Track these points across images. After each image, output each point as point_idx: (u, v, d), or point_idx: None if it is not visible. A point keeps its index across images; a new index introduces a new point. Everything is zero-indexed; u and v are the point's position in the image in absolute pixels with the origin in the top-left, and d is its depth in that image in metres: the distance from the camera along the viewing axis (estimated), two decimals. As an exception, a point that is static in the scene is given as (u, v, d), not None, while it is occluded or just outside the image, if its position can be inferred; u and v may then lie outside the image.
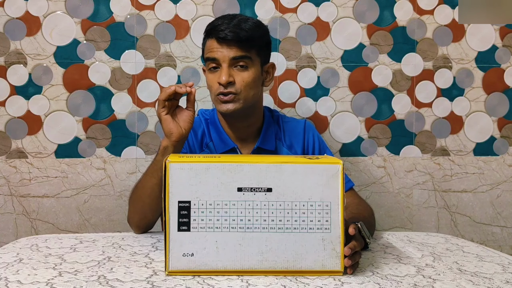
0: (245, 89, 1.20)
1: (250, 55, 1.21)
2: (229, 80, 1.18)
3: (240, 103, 1.20)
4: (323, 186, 0.86)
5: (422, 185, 1.77)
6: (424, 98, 1.75)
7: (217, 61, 1.20)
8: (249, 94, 1.21)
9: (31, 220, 1.63)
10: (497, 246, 1.79)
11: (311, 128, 1.36)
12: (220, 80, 1.19)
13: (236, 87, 1.19)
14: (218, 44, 1.20)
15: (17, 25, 1.58)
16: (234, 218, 0.85)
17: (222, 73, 1.19)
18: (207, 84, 1.25)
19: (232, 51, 1.19)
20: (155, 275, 0.86)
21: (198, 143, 1.29)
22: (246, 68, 1.21)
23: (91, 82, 1.62)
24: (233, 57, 1.19)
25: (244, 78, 1.20)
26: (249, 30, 1.20)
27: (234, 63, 1.20)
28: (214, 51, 1.20)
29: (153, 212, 1.14)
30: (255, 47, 1.22)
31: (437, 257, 1.01)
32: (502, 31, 1.75)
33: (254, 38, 1.21)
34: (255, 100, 1.25)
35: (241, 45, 1.19)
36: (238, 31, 1.18)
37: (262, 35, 1.25)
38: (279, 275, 0.86)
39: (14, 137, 1.61)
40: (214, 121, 1.31)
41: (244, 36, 1.19)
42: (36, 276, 0.85)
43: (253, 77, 1.21)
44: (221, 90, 1.19)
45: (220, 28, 1.19)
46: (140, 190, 1.13)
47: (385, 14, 1.71)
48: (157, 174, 1.08)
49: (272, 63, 1.30)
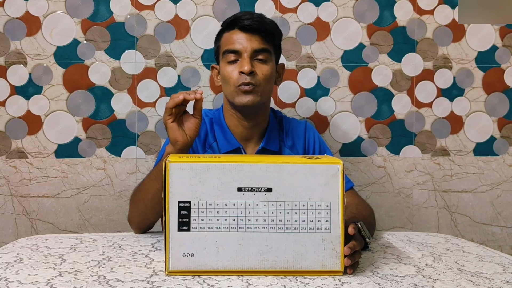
0: (264, 82, 1.21)
1: (270, 49, 1.23)
2: (252, 70, 1.18)
3: (258, 96, 1.21)
4: (323, 186, 0.86)
5: (422, 185, 1.77)
6: (424, 98, 1.75)
7: (238, 52, 1.20)
8: (266, 88, 1.22)
9: (31, 220, 1.63)
10: (497, 246, 1.79)
11: (311, 128, 1.36)
12: (242, 69, 1.18)
13: (257, 79, 1.20)
14: (241, 33, 1.21)
15: (17, 25, 1.58)
16: (234, 218, 0.85)
17: (244, 63, 1.19)
18: (223, 78, 1.24)
19: (255, 42, 1.20)
20: (155, 275, 0.86)
21: (201, 144, 1.28)
22: (266, 62, 1.22)
23: (91, 82, 1.62)
24: (255, 49, 1.20)
25: (264, 71, 1.21)
26: (270, 24, 1.24)
27: (255, 55, 1.21)
28: (236, 43, 1.21)
29: (154, 214, 1.14)
30: (274, 43, 1.25)
31: (437, 257, 1.01)
32: (502, 31, 1.76)
33: (275, 34, 1.25)
34: (269, 97, 1.27)
35: (264, 36, 1.21)
36: (262, 22, 1.21)
37: (280, 34, 1.29)
38: (279, 275, 0.86)
39: (14, 137, 1.61)
40: (219, 120, 1.30)
41: (268, 29, 1.22)
42: (36, 276, 0.85)
43: (271, 71, 1.23)
44: (243, 80, 1.19)
45: (244, 17, 1.21)
46: (143, 193, 1.13)
47: (385, 14, 1.71)
48: (161, 179, 1.06)
49: (282, 64, 1.33)
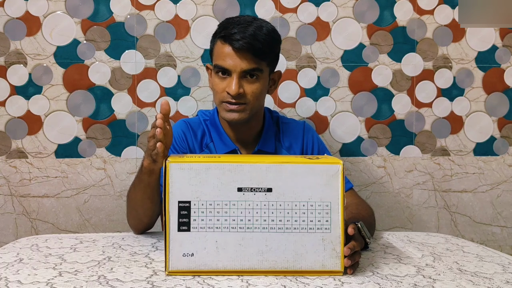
0: (253, 100, 1.19)
1: (262, 67, 1.19)
2: (239, 92, 1.16)
3: (246, 113, 1.20)
4: (323, 186, 0.86)
5: (422, 185, 1.77)
6: (424, 98, 1.75)
7: (228, 70, 1.17)
8: (255, 104, 1.21)
9: (31, 220, 1.63)
10: (497, 246, 1.79)
11: (310, 129, 1.36)
12: (229, 90, 1.16)
13: (246, 99, 1.18)
14: (232, 51, 1.16)
15: (17, 25, 1.58)
16: (234, 218, 0.85)
17: (232, 84, 1.16)
18: (213, 86, 1.24)
19: (244, 63, 1.16)
20: (155, 275, 0.87)
21: (198, 144, 1.28)
22: (257, 79, 1.19)
23: (91, 82, 1.62)
24: (245, 70, 1.16)
25: (254, 89, 1.18)
26: (264, 41, 1.17)
27: (244, 74, 1.18)
28: (226, 60, 1.17)
29: (148, 218, 1.14)
30: (268, 59, 1.20)
31: (437, 257, 1.01)
32: (502, 31, 1.75)
33: (267, 50, 1.19)
34: (260, 107, 1.26)
35: (255, 56, 1.16)
36: (254, 42, 1.15)
37: (275, 47, 1.23)
38: (279, 275, 0.86)
39: (14, 137, 1.61)
40: (214, 122, 1.30)
41: (259, 49, 1.16)
42: (36, 276, 0.85)
43: (262, 88, 1.21)
44: (228, 99, 1.18)
45: (235, 37, 1.15)
46: (132, 202, 1.13)
47: (385, 14, 1.71)
48: (145, 190, 1.06)
49: (279, 71, 1.30)
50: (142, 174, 1.04)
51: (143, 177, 1.04)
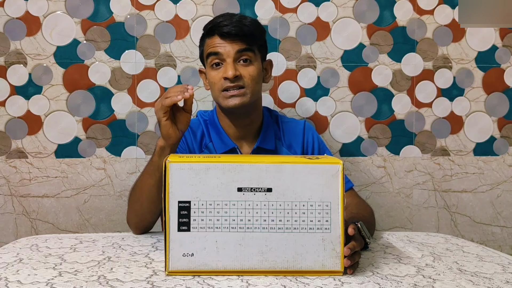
0: (252, 83, 1.21)
1: (253, 48, 1.22)
2: (236, 74, 1.18)
3: (247, 97, 1.21)
4: (323, 186, 0.86)
5: (422, 185, 1.77)
6: (424, 98, 1.75)
7: (221, 56, 1.20)
8: (255, 88, 1.23)
9: (31, 220, 1.63)
10: (497, 246, 1.79)
11: (310, 128, 1.36)
12: (226, 74, 1.18)
13: (244, 81, 1.20)
14: (221, 39, 1.20)
15: (17, 25, 1.58)
16: (234, 218, 0.85)
17: (228, 68, 1.19)
18: (209, 82, 1.25)
19: (236, 45, 1.20)
20: (155, 275, 0.86)
21: (197, 144, 1.29)
22: (251, 62, 1.22)
23: (91, 82, 1.62)
24: (238, 50, 1.19)
25: (250, 72, 1.21)
26: (250, 25, 1.23)
27: (238, 57, 1.20)
28: (217, 46, 1.20)
29: (151, 214, 1.14)
30: (257, 43, 1.24)
31: (437, 257, 1.01)
32: (502, 31, 1.75)
33: (255, 34, 1.23)
34: (259, 96, 1.27)
35: (244, 39, 1.20)
36: (241, 26, 1.20)
37: (262, 33, 1.28)
38: (279, 275, 0.86)
39: (14, 137, 1.61)
40: (213, 122, 1.30)
41: (247, 31, 1.21)
42: (36, 276, 0.85)
43: (258, 71, 1.23)
44: (227, 84, 1.19)
45: (222, 24, 1.20)
46: (138, 191, 1.13)
47: (385, 14, 1.71)
48: (154, 174, 1.07)
49: (270, 60, 1.33)
50: (154, 155, 1.07)
51: (154, 158, 1.07)
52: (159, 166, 1.04)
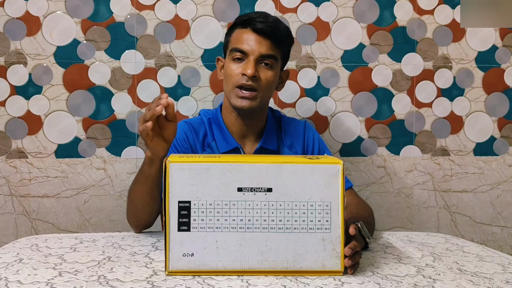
0: (265, 88, 1.21)
1: (277, 55, 1.22)
2: (255, 74, 1.18)
3: (257, 102, 1.21)
4: (323, 186, 0.86)
5: (422, 185, 1.77)
6: (424, 98, 1.75)
7: (246, 53, 1.20)
8: (266, 94, 1.23)
9: (31, 220, 1.63)
10: (497, 246, 1.79)
11: (311, 128, 1.36)
12: (245, 71, 1.18)
13: (259, 85, 1.20)
14: (252, 34, 1.20)
15: (17, 25, 1.58)
16: (234, 218, 0.85)
17: (249, 66, 1.18)
18: (225, 74, 1.24)
19: (263, 47, 1.19)
20: (155, 275, 0.87)
21: (200, 143, 1.28)
22: (271, 68, 1.22)
23: (91, 82, 1.62)
24: (263, 54, 1.19)
25: (268, 76, 1.21)
26: (283, 31, 1.23)
27: (261, 60, 1.20)
28: (245, 43, 1.20)
29: (147, 215, 1.14)
30: (283, 51, 1.24)
31: (437, 257, 1.01)
32: (502, 31, 1.75)
33: (285, 42, 1.23)
34: (267, 101, 1.28)
35: (274, 43, 1.20)
36: (275, 28, 1.20)
37: (290, 42, 1.28)
38: (279, 275, 0.86)
39: (14, 137, 1.61)
40: (217, 120, 1.30)
41: (279, 35, 1.21)
42: (36, 276, 0.85)
43: (274, 78, 1.23)
44: (243, 82, 1.19)
45: (258, 19, 1.20)
46: (132, 196, 1.14)
47: (385, 14, 1.71)
48: (146, 183, 1.06)
49: (287, 70, 1.33)
50: (144, 164, 1.05)
51: (144, 168, 1.05)
52: (150, 175, 1.04)
